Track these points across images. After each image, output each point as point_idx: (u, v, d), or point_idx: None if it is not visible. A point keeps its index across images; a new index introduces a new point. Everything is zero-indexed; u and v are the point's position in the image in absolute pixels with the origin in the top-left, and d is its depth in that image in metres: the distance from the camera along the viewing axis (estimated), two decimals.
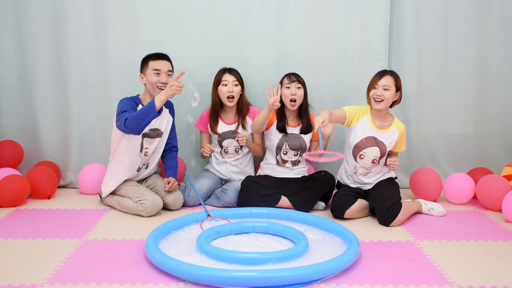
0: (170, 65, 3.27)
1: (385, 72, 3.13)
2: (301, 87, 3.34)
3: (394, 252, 2.57)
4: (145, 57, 3.26)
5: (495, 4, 3.71)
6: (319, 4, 3.65)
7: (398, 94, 3.14)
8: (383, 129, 3.17)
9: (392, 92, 3.09)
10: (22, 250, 2.55)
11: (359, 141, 3.16)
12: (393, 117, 3.24)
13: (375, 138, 3.16)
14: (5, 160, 3.65)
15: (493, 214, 3.25)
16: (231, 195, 3.31)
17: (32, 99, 3.74)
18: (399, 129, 3.19)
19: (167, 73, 3.22)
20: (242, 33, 3.68)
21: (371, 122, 3.17)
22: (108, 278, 2.23)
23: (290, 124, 3.42)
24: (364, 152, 3.17)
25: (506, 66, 3.80)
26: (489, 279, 2.26)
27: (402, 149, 3.30)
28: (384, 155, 3.19)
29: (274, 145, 3.40)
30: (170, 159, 3.39)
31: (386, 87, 3.08)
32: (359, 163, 3.21)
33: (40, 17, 3.62)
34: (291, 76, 3.34)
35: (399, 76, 3.17)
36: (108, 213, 3.21)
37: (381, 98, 3.08)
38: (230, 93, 3.41)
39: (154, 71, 3.17)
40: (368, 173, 3.22)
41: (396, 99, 3.15)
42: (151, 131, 3.24)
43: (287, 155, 3.41)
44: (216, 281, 2.14)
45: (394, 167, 3.15)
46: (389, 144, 3.17)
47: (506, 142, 3.93)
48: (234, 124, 3.51)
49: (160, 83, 3.18)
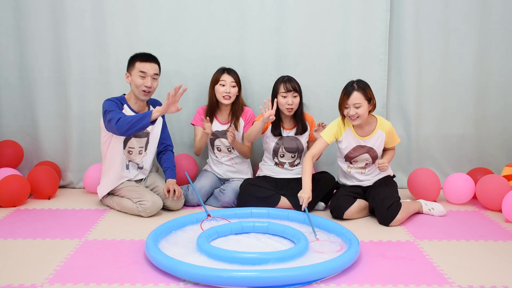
0: (158, 67, 3.22)
1: (352, 88, 3.01)
2: (297, 95, 3.31)
3: (394, 252, 2.57)
4: (133, 56, 3.21)
5: (495, 4, 3.71)
6: (319, 4, 3.65)
7: (371, 103, 3.06)
8: (367, 136, 3.14)
9: (365, 106, 3.01)
10: (22, 250, 2.55)
11: (348, 152, 3.17)
12: (376, 119, 3.17)
13: (362, 146, 3.15)
14: (5, 160, 3.65)
15: (493, 214, 3.25)
16: (229, 195, 3.31)
17: (32, 99, 3.74)
18: (385, 129, 3.14)
19: (153, 77, 3.17)
20: (242, 33, 3.68)
21: (354, 133, 3.14)
22: (108, 278, 2.23)
23: (285, 127, 3.41)
24: (356, 159, 3.19)
25: (506, 66, 3.80)
26: (489, 279, 2.26)
27: (396, 143, 3.25)
28: (376, 157, 3.18)
29: (270, 148, 3.41)
30: (166, 160, 3.36)
31: (357, 105, 3.00)
32: (354, 165, 3.22)
33: (40, 17, 3.62)
34: (287, 85, 3.27)
35: (367, 84, 3.06)
36: (108, 213, 3.21)
37: (356, 116, 3.02)
38: (227, 94, 3.41)
39: (140, 73, 3.13)
40: (363, 173, 3.23)
41: (370, 109, 3.07)
42: None
43: (284, 157, 3.41)
44: (216, 281, 2.14)
45: (383, 169, 3.10)
46: (378, 147, 3.16)
47: (506, 142, 3.93)
48: (227, 124, 3.51)
49: (145, 87, 3.14)
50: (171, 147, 3.44)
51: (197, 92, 3.72)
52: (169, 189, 3.17)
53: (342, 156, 3.23)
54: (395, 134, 3.22)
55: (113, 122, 2.96)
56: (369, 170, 3.23)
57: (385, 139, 3.15)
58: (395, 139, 3.24)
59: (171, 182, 3.23)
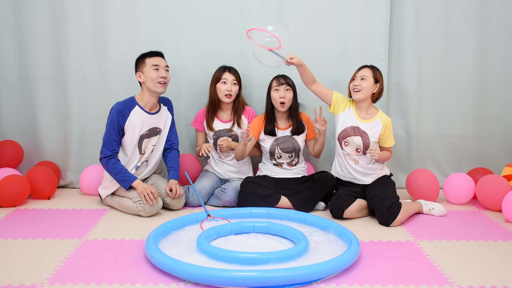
0: (165, 61, 3.28)
1: (365, 66, 3.25)
2: (290, 89, 3.35)
3: (394, 252, 2.57)
4: (140, 56, 3.25)
5: (495, 4, 3.71)
6: (319, 4, 3.65)
7: (378, 86, 3.19)
8: (366, 120, 3.22)
9: (370, 82, 3.16)
10: (22, 250, 2.56)
11: (344, 129, 3.23)
12: (377, 110, 3.27)
13: (358, 128, 3.20)
14: (5, 160, 3.65)
15: (493, 214, 3.25)
16: (231, 194, 3.31)
17: (32, 99, 3.74)
18: (384, 121, 3.21)
19: (165, 68, 3.23)
20: (242, 33, 3.67)
21: (355, 113, 3.25)
22: (108, 278, 2.23)
23: (280, 127, 3.42)
24: (347, 140, 3.23)
25: (506, 66, 3.80)
26: (489, 279, 2.26)
27: (390, 144, 3.28)
28: (368, 146, 3.20)
29: (266, 150, 3.43)
30: (171, 159, 3.37)
31: (363, 77, 3.16)
32: (345, 150, 3.25)
33: (40, 17, 3.62)
34: (280, 79, 3.35)
35: (379, 69, 3.25)
36: (108, 213, 3.21)
37: (359, 88, 3.16)
38: (229, 92, 3.42)
39: (153, 67, 3.17)
40: (357, 163, 3.23)
41: (375, 92, 3.20)
42: (149, 131, 3.25)
43: (282, 158, 3.42)
44: (216, 281, 2.14)
45: (374, 156, 3.13)
46: (373, 135, 3.20)
47: (506, 142, 3.93)
48: (229, 122, 3.52)
49: (160, 78, 3.18)
50: (176, 145, 3.44)
51: (197, 91, 3.72)
52: (171, 188, 3.19)
53: (337, 136, 3.29)
54: (391, 132, 3.26)
55: (101, 156, 3.15)
56: (362, 161, 3.24)
57: (381, 131, 3.19)
58: (391, 137, 3.26)
59: (174, 182, 3.24)
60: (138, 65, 3.24)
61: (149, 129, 3.24)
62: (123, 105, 3.18)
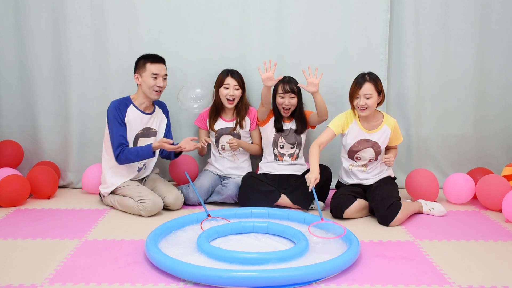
0: (166, 68, 3.30)
1: (363, 80, 3.08)
2: (295, 96, 3.38)
3: (394, 252, 2.57)
4: (141, 57, 3.26)
5: (495, 4, 3.70)
6: (319, 5, 3.65)
7: (381, 95, 3.12)
8: (373, 129, 3.18)
9: (375, 97, 3.08)
10: (22, 250, 2.56)
11: (352, 145, 3.19)
12: (382, 114, 3.23)
13: (367, 140, 3.16)
14: (5, 160, 3.65)
15: (493, 214, 3.25)
16: (232, 188, 3.32)
17: (32, 99, 3.74)
18: (391, 125, 3.19)
19: (163, 77, 3.25)
20: (242, 33, 3.68)
21: (360, 126, 3.18)
22: (108, 278, 2.23)
23: (285, 120, 3.48)
24: (359, 155, 3.20)
25: (506, 66, 3.80)
26: (489, 279, 2.26)
27: (399, 142, 3.29)
28: (380, 153, 3.20)
29: (270, 140, 3.44)
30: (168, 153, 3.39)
31: (368, 96, 3.06)
32: (357, 162, 3.23)
33: (40, 17, 3.62)
34: (285, 86, 3.35)
35: (378, 77, 3.14)
36: (108, 213, 3.21)
37: (365, 107, 3.08)
38: (231, 96, 3.44)
39: (152, 75, 3.19)
40: (364, 171, 3.23)
41: (379, 101, 3.14)
42: (144, 130, 3.27)
43: (284, 148, 3.44)
44: (216, 281, 2.14)
45: (390, 164, 3.14)
46: (383, 142, 3.18)
47: (506, 142, 3.93)
48: (232, 121, 3.53)
49: (157, 87, 3.21)
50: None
51: None
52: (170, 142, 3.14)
53: (345, 152, 3.24)
54: (399, 131, 3.27)
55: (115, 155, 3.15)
56: (370, 168, 3.23)
57: (390, 135, 3.18)
58: (399, 137, 3.26)
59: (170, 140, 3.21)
60: (138, 67, 3.24)
61: (143, 129, 3.27)
62: (119, 102, 3.22)
